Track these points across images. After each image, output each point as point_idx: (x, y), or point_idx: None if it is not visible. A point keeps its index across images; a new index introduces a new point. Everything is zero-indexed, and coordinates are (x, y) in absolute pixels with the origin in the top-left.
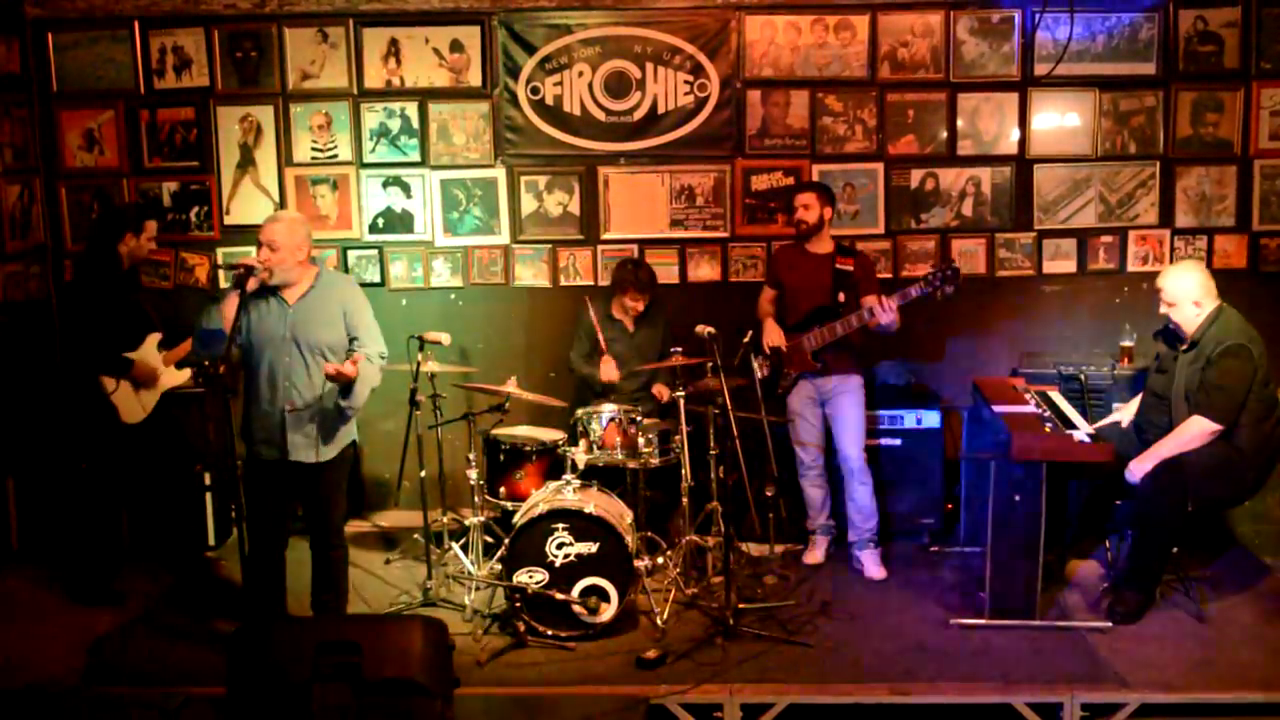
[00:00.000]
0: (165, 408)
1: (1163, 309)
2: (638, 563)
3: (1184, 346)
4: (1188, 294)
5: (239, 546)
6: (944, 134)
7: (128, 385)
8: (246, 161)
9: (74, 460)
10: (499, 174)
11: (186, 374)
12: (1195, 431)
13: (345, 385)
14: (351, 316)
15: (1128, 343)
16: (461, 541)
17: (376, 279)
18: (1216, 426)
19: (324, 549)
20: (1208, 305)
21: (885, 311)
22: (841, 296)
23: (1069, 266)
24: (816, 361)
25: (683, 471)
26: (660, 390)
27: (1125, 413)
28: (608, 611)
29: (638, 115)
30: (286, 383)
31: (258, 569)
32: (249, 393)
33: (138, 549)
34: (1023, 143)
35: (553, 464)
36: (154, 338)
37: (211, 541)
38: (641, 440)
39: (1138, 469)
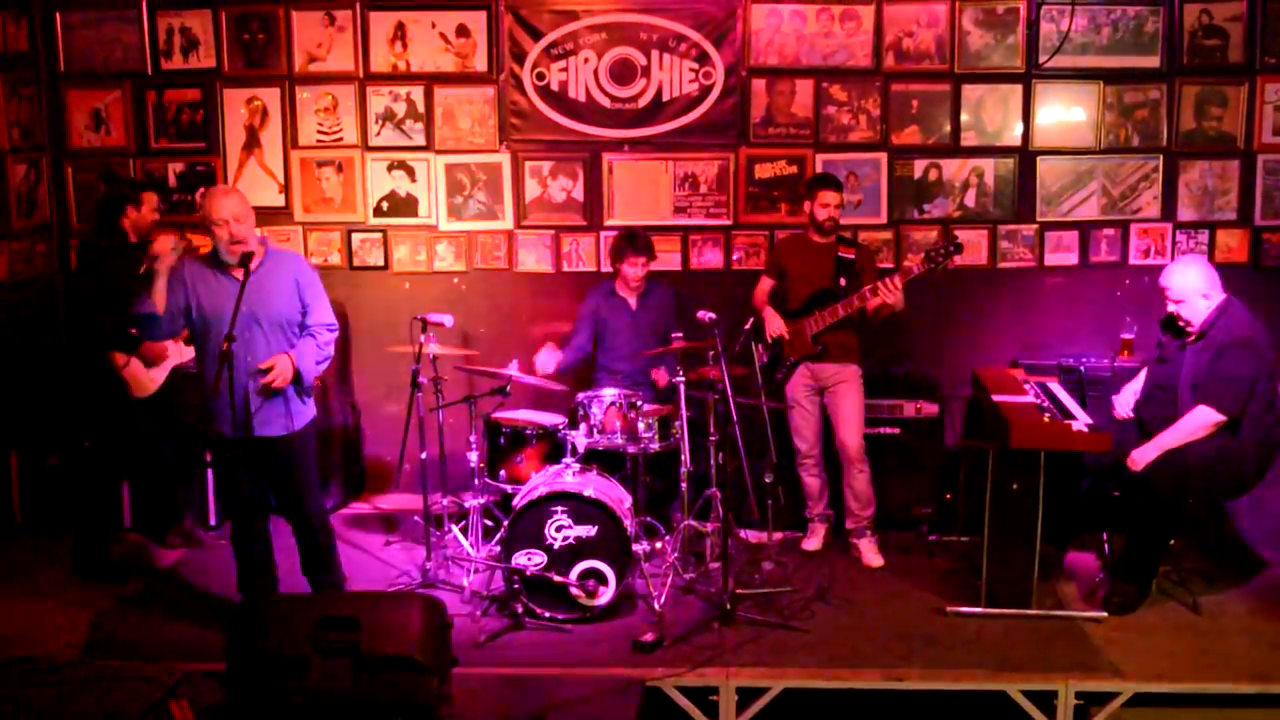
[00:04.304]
0: (172, 384)
1: (1171, 307)
2: (636, 547)
3: (1192, 338)
4: (1195, 288)
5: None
6: (948, 125)
7: (138, 360)
8: (252, 143)
9: (78, 436)
10: (503, 159)
11: (194, 350)
12: (1201, 421)
13: (295, 376)
14: (304, 290)
15: (1128, 335)
16: (461, 524)
17: (380, 262)
18: (1222, 417)
19: (306, 528)
20: (1216, 297)
21: (890, 291)
22: (843, 281)
23: (1071, 259)
24: (816, 345)
25: (682, 457)
26: (659, 375)
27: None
28: (605, 595)
29: (642, 102)
30: (249, 358)
31: (243, 544)
32: (207, 372)
33: (140, 525)
34: (1026, 135)
35: (553, 447)
36: None
37: (213, 520)
38: (641, 425)
39: (1141, 458)
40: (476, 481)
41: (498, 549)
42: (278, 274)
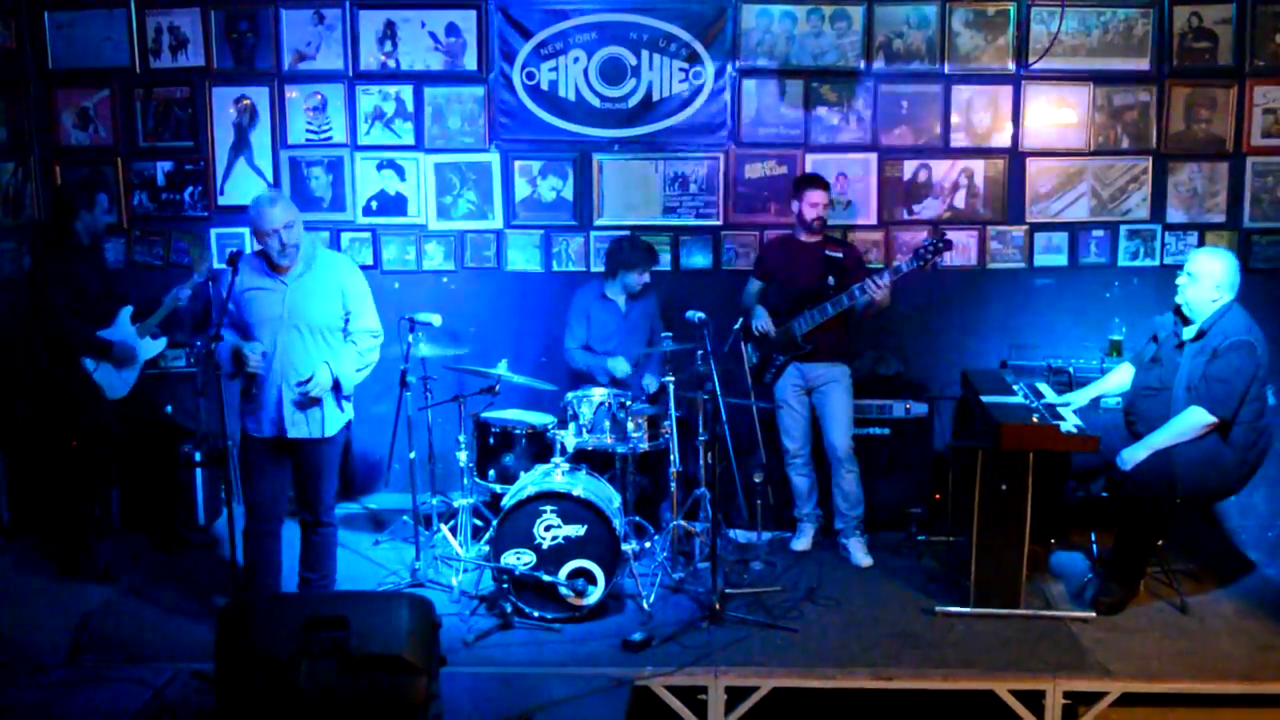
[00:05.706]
0: (146, 381)
1: (1180, 280)
2: (625, 546)
3: (1191, 337)
4: (1213, 276)
5: (229, 524)
6: (938, 126)
7: (109, 365)
8: (241, 142)
9: (64, 438)
10: (493, 158)
11: (162, 343)
12: (1193, 423)
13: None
14: (350, 296)
15: (1117, 336)
16: (450, 523)
17: (369, 261)
18: (1214, 419)
19: (314, 526)
20: (1225, 296)
21: (878, 289)
22: (832, 281)
23: (1060, 260)
24: (805, 344)
25: (671, 457)
26: (649, 384)
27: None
28: (594, 594)
29: (632, 102)
30: (285, 362)
31: (255, 545)
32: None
33: (127, 525)
34: (1016, 136)
35: (542, 447)
36: (126, 311)
37: (202, 520)
38: (631, 425)
39: (1130, 458)
40: (465, 481)
41: (486, 548)
42: (324, 280)
